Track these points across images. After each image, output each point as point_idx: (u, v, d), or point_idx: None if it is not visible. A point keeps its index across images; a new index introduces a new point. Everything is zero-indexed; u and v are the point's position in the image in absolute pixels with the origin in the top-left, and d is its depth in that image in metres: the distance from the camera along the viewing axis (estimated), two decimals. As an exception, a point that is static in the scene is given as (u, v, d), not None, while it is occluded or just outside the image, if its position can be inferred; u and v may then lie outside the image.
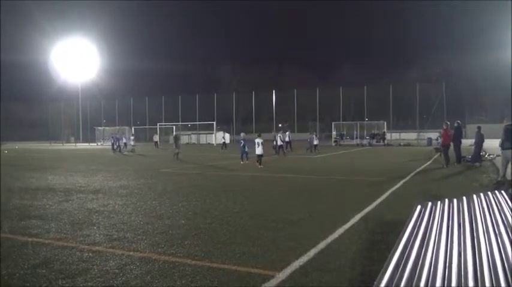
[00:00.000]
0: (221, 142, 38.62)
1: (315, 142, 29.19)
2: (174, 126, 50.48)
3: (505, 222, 4.12)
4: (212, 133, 52.71)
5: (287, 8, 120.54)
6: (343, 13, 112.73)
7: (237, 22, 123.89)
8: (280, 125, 59.76)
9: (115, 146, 34.32)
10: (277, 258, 4.53)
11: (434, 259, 3.24)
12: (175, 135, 24.74)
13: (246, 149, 19.00)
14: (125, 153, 31.87)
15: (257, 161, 17.14)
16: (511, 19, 35.63)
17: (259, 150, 17.33)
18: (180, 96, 57.65)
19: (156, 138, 43.02)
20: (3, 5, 69.45)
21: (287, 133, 30.05)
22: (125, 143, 37.52)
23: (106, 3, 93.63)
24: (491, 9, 65.18)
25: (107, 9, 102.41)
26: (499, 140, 11.30)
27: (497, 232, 3.82)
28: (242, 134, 20.56)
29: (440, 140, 19.27)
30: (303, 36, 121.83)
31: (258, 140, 17.64)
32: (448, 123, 17.30)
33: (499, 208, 4.74)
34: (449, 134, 16.76)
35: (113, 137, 38.24)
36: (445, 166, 15.79)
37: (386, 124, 46.10)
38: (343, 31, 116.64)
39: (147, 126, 56.67)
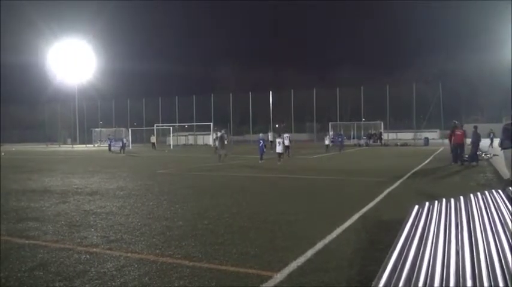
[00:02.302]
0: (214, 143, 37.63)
1: (326, 142, 29.59)
2: (171, 127, 50.42)
3: (503, 221, 4.14)
4: (209, 134, 52.67)
5: (284, 9, 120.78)
6: (341, 14, 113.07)
7: (233, 23, 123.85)
8: (277, 125, 59.82)
9: (111, 148, 35.22)
10: (275, 259, 4.53)
11: (432, 259, 3.25)
12: (221, 135, 22.19)
13: (265, 149, 19.94)
14: (122, 154, 31.97)
15: (279, 158, 18.90)
16: (510, 19, 35.75)
17: (279, 148, 19.21)
18: (177, 97, 57.54)
19: (154, 139, 42.99)
20: (-1, 5, 69.18)
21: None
22: (125, 144, 38.31)
23: (102, 3, 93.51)
24: (489, 9, 65.53)
25: (104, 9, 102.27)
26: (498, 139, 11.35)
27: (494, 230, 3.83)
28: (261, 135, 22.00)
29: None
30: (299, 37, 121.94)
31: (278, 140, 19.71)
32: (456, 122, 17.64)
33: (496, 207, 4.75)
34: (457, 134, 16.82)
35: (109, 139, 39.43)
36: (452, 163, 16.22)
37: (383, 124, 46.21)
38: (340, 32, 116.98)
39: (144, 128, 56.54)
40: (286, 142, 23.55)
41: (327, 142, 30.07)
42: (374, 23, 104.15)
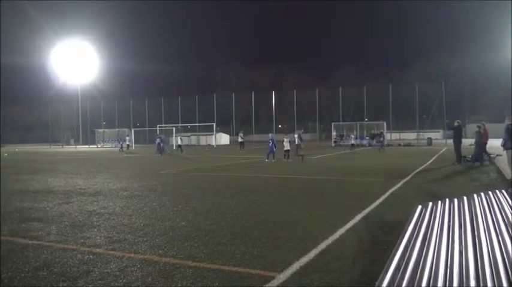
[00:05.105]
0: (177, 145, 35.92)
1: (352, 141, 32.59)
2: (174, 128, 50.52)
3: (506, 221, 4.12)
4: (212, 134, 52.75)
5: (287, 9, 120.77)
6: (343, 13, 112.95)
7: (236, 23, 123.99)
8: (279, 126, 59.83)
9: (119, 148, 38.33)
10: (277, 259, 4.52)
11: (436, 259, 3.24)
12: (299, 134, 23.84)
13: (274, 149, 20.85)
14: (124, 154, 32.22)
15: (284, 157, 20.39)
16: (511, 19, 35.70)
17: (287, 146, 20.82)
18: (179, 98, 57.59)
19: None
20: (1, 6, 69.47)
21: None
22: (128, 145, 40.38)
23: (105, 4, 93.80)
24: (490, 9, 65.31)
25: (106, 10, 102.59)
26: (501, 139, 11.27)
27: (498, 230, 3.82)
28: (271, 135, 22.71)
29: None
30: (302, 37, 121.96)
31: (286, 138, 21.28)
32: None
33: (500, 206, 4.74)
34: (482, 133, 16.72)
35: (118, 140, 42.60)
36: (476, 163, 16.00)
37: (386, 124, 46.08)
38: (342, 31, 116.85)
39: (146, 128, 56.65)
40: (297, 141, 23.83)
41: (352, 142, 34.86)
42: (377, 22, 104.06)
